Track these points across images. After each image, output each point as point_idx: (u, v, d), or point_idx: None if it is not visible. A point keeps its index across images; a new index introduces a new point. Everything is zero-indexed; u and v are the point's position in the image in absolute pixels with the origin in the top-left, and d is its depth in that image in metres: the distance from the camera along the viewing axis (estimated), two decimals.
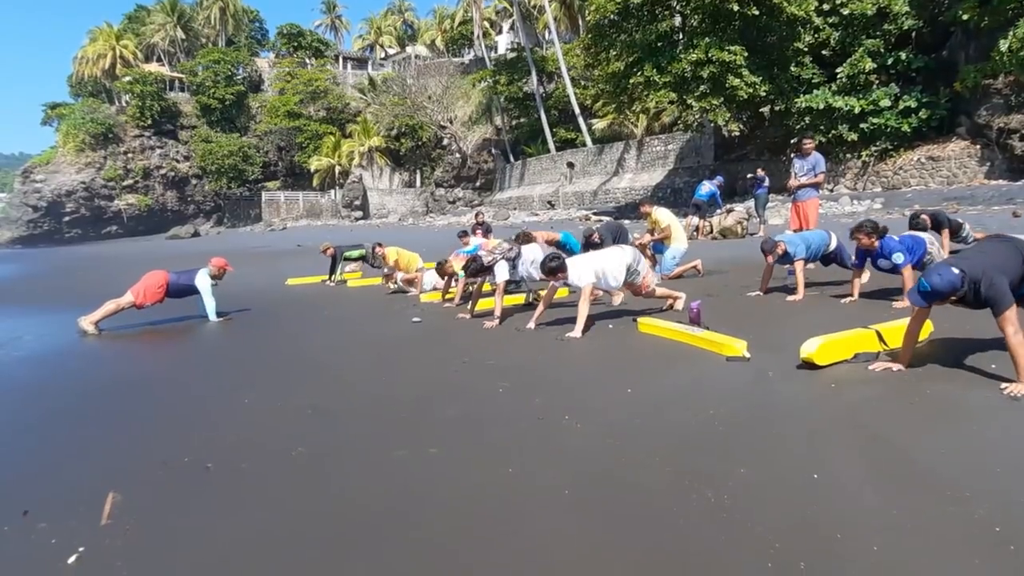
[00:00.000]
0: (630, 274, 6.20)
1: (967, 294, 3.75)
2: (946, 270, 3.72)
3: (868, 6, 20.51)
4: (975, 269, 3.73)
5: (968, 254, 4.06)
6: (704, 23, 21.72)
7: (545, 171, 40.46)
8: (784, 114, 22.34)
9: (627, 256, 6.21)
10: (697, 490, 2.66)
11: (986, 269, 3.72)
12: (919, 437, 3.10)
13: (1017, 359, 3.58)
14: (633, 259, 6.20)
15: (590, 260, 6.21)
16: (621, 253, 6.26)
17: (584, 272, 5.96)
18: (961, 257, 3.98)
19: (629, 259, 6.18)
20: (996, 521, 2.28)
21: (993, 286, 3.66)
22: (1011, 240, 4.08)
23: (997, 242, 4.11)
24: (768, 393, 3.87)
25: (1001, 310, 3.64)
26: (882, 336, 4.47)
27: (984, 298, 3.71)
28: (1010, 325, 3.61)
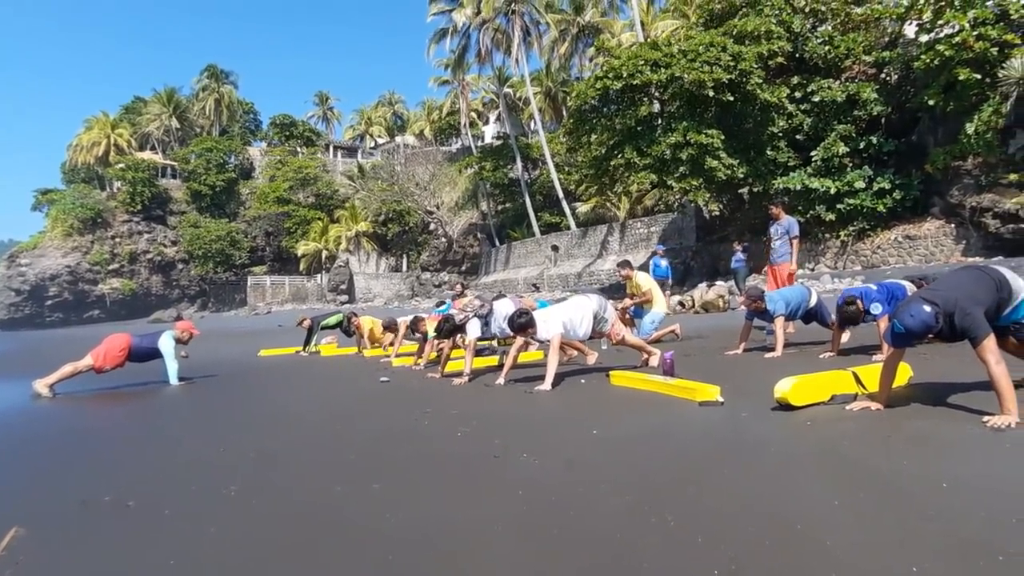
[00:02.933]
0: (598, 322, 6.08)
1: (943, 328, 3.60)
2: (918, 309, 3.56)
3: (838, 93, 21.37)
4: (948, 301, 3.58)
5: (939, 285, 3.92)
6: (682, 108, 22.49)
7: (530, 254, 40.87)
8: (762, 195, 22.81)
9: (592, 303, 6.12)
10: (658, 514, 2.43)
11: (959, 300, 3.57)
12: (896, 465, 2.90)
13: (1000, 389, 3.40)
14: (599, 306, 6.11)
15: (557, 311, 6.08)
16: (587, 301, 6.17)
17: (552, 324, 5.81)
18: (932, 290, 3.84)
19: (595, 306, 6.08)
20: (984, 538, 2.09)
21: (968, 316, 3.50)
22: (982, 269, 3.95)
23: (969, 271, 3.98)
24: (740, 431, 3.66)
25: (979, 340, 3.47)
26: (859, 378, 4.29)
27: (960, 329, 3.55)
28: (990, 354, 3.44)
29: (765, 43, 21.40)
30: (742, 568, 1.97)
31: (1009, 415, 3.32)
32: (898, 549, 2.05)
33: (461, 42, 43.29)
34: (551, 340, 5.75)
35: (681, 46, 21.95)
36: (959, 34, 18.11)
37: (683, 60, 21.11)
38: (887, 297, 5.78)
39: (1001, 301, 3.74)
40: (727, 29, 22.18)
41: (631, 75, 21.63)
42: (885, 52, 22.18)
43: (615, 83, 22.01)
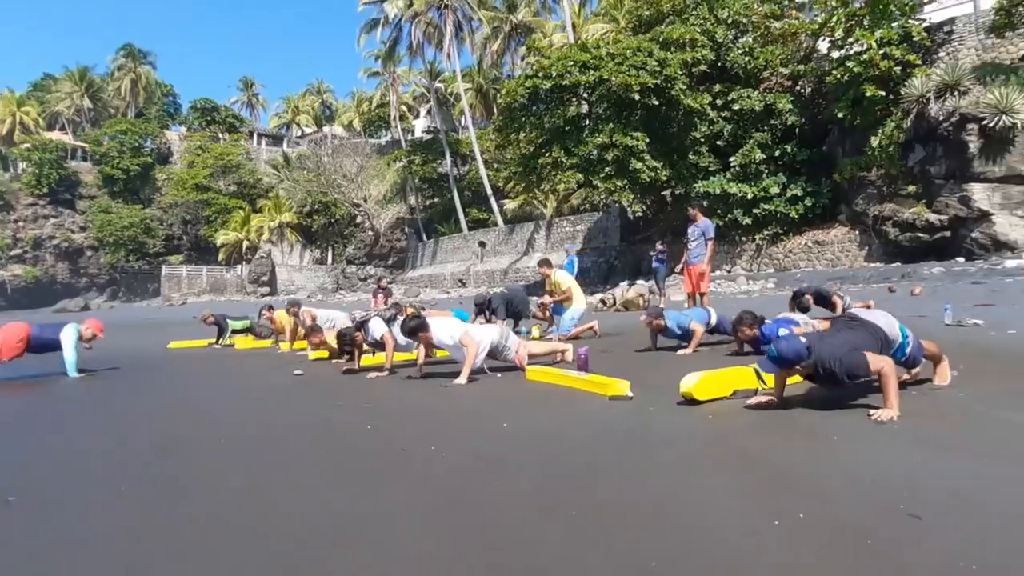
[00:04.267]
0: (498, 351, 6.09)
1: (816, 370, 3.78)
2: (794, 340, 3.79)
3: (756, 103, 22.25)
4: (824, 352, 3.74)
5: (827, 335, 4.05)
6: (609, 110, 22.91)
7: (457, 250, 40.79)
8: (684, 198, 23.51)
9: (494, 335, 6.12)
10: (560, 506, 2.45)
11: (840, 356, 3.71)
12: (787, 455, 3.05)
13: (885, 385, 3.61)
14: (500, 337, 6.12)
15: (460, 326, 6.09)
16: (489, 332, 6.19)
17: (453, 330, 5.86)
18: (820, 336, 4.01)
19: (496, 338, 6.09)
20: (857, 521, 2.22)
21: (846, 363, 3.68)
22: (865, 324, 4.08)
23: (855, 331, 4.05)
24: (646, 425, 3.75)
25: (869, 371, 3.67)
26: (760, 374, 4.44)
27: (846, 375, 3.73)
28: (877, 362, 3.65)
29: (690, 51, 22.05)
30: (637, 555, 2.02)
31: (891, 409, 3.54)
32: (781, 534, 2.14)
33: (392, 34, 42.75)
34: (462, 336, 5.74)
35: (610, 49, 22.34)
36: (867, 52, 19.17)
37: (611, 63, 21.52)
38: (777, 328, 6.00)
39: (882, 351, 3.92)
40: (654, 35, 22.74)
41: (560, 75, 21.88)
42: (800, 65, 23.24)
43: (545, 83, 22.22)
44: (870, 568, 1.89)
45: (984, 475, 2.66)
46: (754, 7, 23.49)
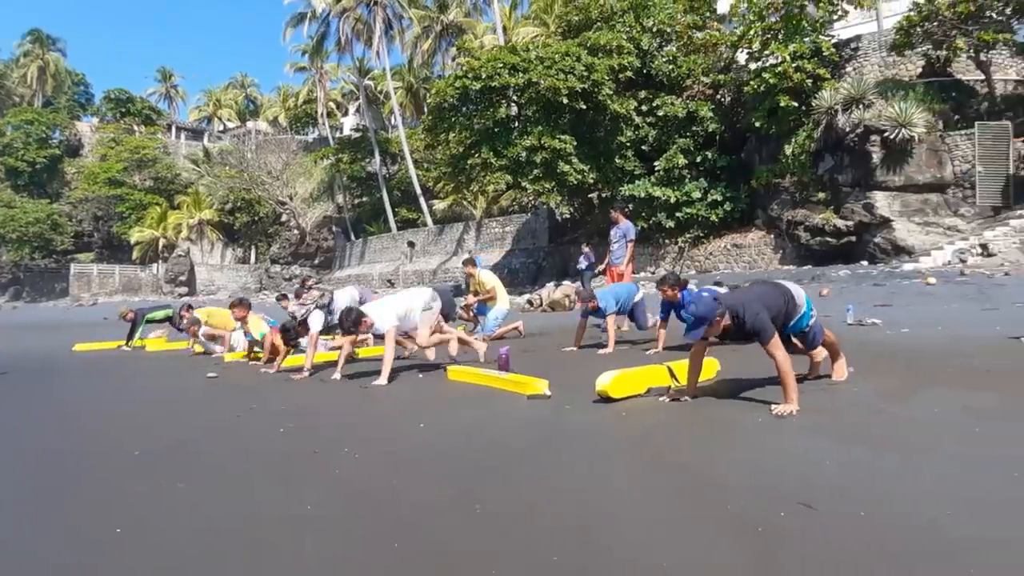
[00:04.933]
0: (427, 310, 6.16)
1: (731, 326, 3.98)
2: (701, 300, 3.96)
3: (679, 110, 22.92)
4: (735, 302, 3.99)
5: (740, 291, 4.36)
6: (538, 113, 23.13)
7: (386, 250, 40.32)
8: (611, 201, 24.00)
9: (425, 294, 6.19)
10: (470, 504, 2.48)
11: (746, 303, 3.97)
12: (694, 449, 3.18)
13: (784, 381, 3.81)
14: (430, 297, 6.20)
15: (391, 303, 6.07)
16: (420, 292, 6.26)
17: (387, 316, 5.79)
18: (731, 292, 4.26)
19: (427, 296, 6.16)
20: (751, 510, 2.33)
21: (757, 317, 3.90)
22: (775, 284, 4.43)
23: (763, 285, 4.46)
24: (562, 423, 3.83)
25: (766, 339, 3.88)
26: (673, 372, 4.63)
27: (749, 330, 3.95)
28: (778, 350, 3.85)
29: (616, 57, 22.52)
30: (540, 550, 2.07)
31: (791, 404, 3.74)
32: (681, 525, 2.24)
33: (320, 29, 41.85)
34: (385, 333, 5.71)
35: (539, 53, 22.57)
36: (781, 65, 20.05)
37: (540, 66, 21.75)
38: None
39: (788, 313, 4.21)
40: (582, 41, 23.10)
41: (490, 77, 21.95)
42: (721, 75, 24.08)
43: (474, 83, 22.25)
44: (763, 556, 1.99)
45: (875, 466, 2.83)
46: (678, 17, 24.18)
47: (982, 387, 4.28)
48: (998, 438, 3.13)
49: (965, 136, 18.15)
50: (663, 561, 1.97)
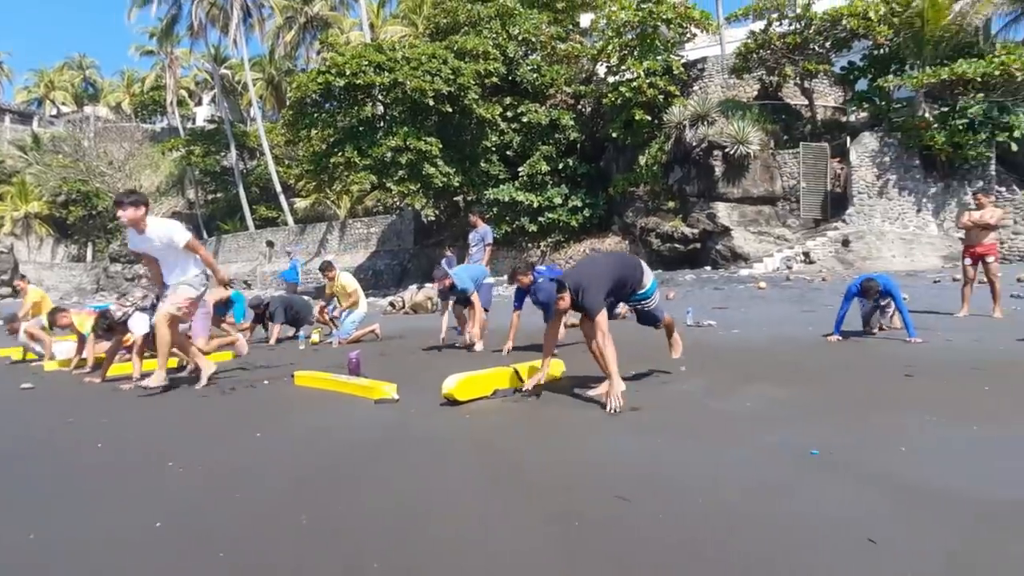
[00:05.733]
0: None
1: (575, 299, 4.31)
2: (542, 288, 4.36)
3: (543, 117, 23.63)
4: (577, 280, 4.33)
5: (578, 268, 4.74)
6: (404, 113, 22.97)
7: (243, 249, 38.30)
8: (476, 204, 24.30)
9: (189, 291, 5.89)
10: (296, 515, 2.44)
11: (582, 280, 4.32)
12: (531, 450, 3.30)
13: (604, 361, 4.16)
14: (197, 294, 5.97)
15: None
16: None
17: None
18: (569, 272, 4.57)
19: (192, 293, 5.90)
20: (572, 505, 2.47)
21: (587, 294, 4.27)
22: (630, 257, 4.84)
23: (610, 256, 4.90)
24: (405, 427, 3.84)
25: (592, 316, 4.28)
26: (519, 374, 4.78)
27: (583, 305, 4.32)
28: (599, 331, 4.18)
29: (483, 62, 22.82)
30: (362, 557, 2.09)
31: (614, 384, 4.06)
32: (504, 520, 2.33)
33: (170, 11, 39.10)
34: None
35: (406, 53, 22.41)
36: (636, 80, 21.19)
37: (406, 67, 21.61)
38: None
39: (634, 283, 4.64)
40: (449, 44, 23.21)
41: (355, 74, 21.51)
42: (582, 86, 25.09)
43: (338, 80, 21.72)
44: (575, 548, 2.11)
45: (695, 459, 3.05)
46: (543, 28, 24.91)
47: (790, 382, 4.75)
48: (796, 428, 3.49)
49: (792, 155, 20.10)
50: (480, 558, 2.04)
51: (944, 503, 2.37)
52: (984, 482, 2.58)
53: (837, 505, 2.41)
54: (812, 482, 2.66)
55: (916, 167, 18.71)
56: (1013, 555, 1.98)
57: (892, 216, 18.61)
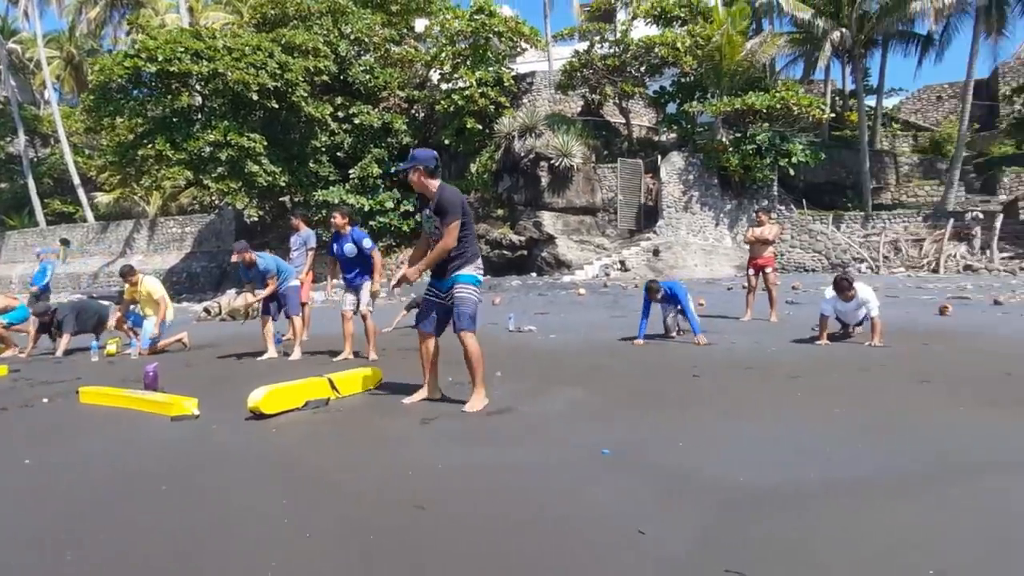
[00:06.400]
0: None
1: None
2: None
3: (375, 119, 23.31)
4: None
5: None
6: (224, 106, 21.62)
7: (31, 247, 33.90)
8: (304, 206, 23.44)
9: None
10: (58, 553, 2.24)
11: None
12: (337, 463, 3.26)
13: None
14: None
15: None
16: None
17: None
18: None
19: None
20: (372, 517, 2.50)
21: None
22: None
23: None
24: (203, 446, 3.62)
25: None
26: (334, 383, 4.70)
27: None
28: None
29: (313, 59, 22.10)
30: None
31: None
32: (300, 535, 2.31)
33: None
34: None
35: (228, 42, 21.13)
36: (469, 89, 21.62)
37: (228, 57, 20.39)
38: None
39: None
40: (277, 37, 22.23)
41: (168, 60, 19.91)
42: (416, 91, 25.11)
43: (149, 65, 20.00)
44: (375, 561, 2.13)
45: (498, 463, 3.14)
46: (376, 29, 24.63)
47: (595, 384, 5.07)
48: (593, 428, 3.75)
49: (611, 169, 21.53)
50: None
51: (706, 490, 2.66)
52: (743, 470, 2.90)
53: (616, 500, 2.62)
54: (599, 480, 2.86)
55: (715, 185, 20.81)
56: (756, 534, 2.26)
57: (695, 229, 20.54)
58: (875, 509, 2.44)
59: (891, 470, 2.90)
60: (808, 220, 20.91)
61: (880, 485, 2.71)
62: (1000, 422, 3.67)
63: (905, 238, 20.20)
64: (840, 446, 3.29)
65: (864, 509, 2.44)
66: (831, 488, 2.67)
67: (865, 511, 2.42)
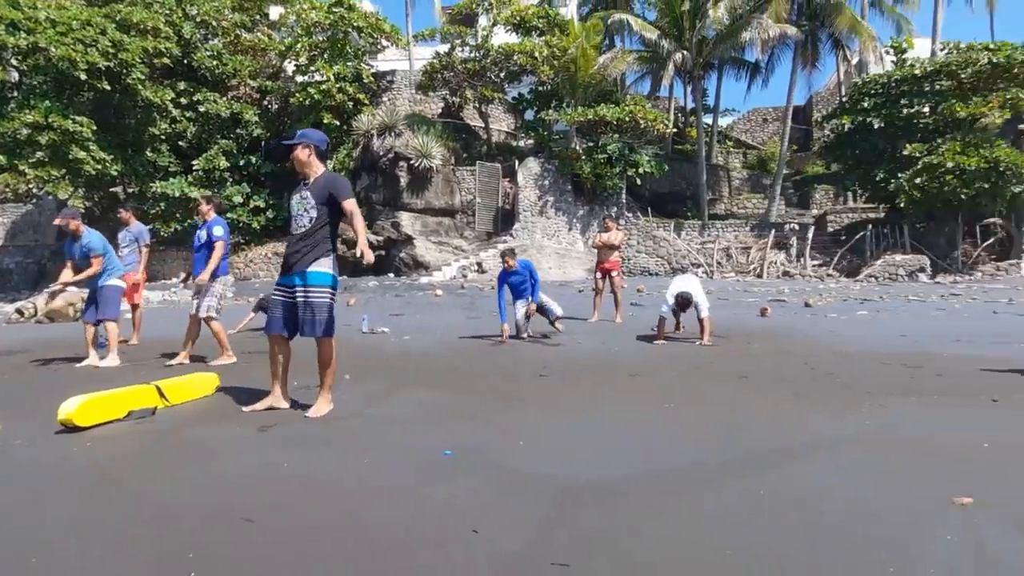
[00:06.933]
0: None
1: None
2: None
3: (223, 108, 22.03)
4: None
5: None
6: (47, 85, 19.49)
7: None
8: (139, 197, 21.67)
9: None
10: None
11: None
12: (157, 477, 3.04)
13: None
14: None
15: None
16: None
17: None
18: None
19: None
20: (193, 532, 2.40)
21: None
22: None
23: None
24: (3, 462, 3.28)
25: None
26: (163, 391, 4.39)
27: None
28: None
29: (152, 39, 20.51)
30: None
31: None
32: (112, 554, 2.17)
33: None
34: None
35: (51, 14, 19.08)
36: (326, 83, 21.02)
37: (52, 31, 18.45)
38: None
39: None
40: (111, 12, 20.39)
41: None
42: (268, 81, 24.01)
43: None
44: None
45: (341, 469, 3.09)
46: (224, 12, 23.28)
47: (444, 386, 5.12)
48: (438, 430, 3.79)
49: (470, 171, 21.81)
50: None
51: (542, 487, 2.78)
52: (578, 466, 3.06)
53: (455, 501, 2.67)
54: (439, 481, 2.90)
55: (569, 191, 21.69)
56: (583, 527, 2.39)
57: (550, 233, 21.29)
58: (691, 497, 2.67)
59: (708, 461, 3.17)
60: (653, 227, 22.33)
61: (697, 475, 2.96)
62: (802, 412, 4.14)
63: (735, 246, 22.13)
64: (667, 440, 3.57)
65: (680, 498, 2.66)
66: (654, 480, 2.89)
67: (681, 500, 2.64)
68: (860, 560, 2.10)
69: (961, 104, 19.21)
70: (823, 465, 3.11)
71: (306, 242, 4.11)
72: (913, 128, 20.72)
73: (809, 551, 2.19)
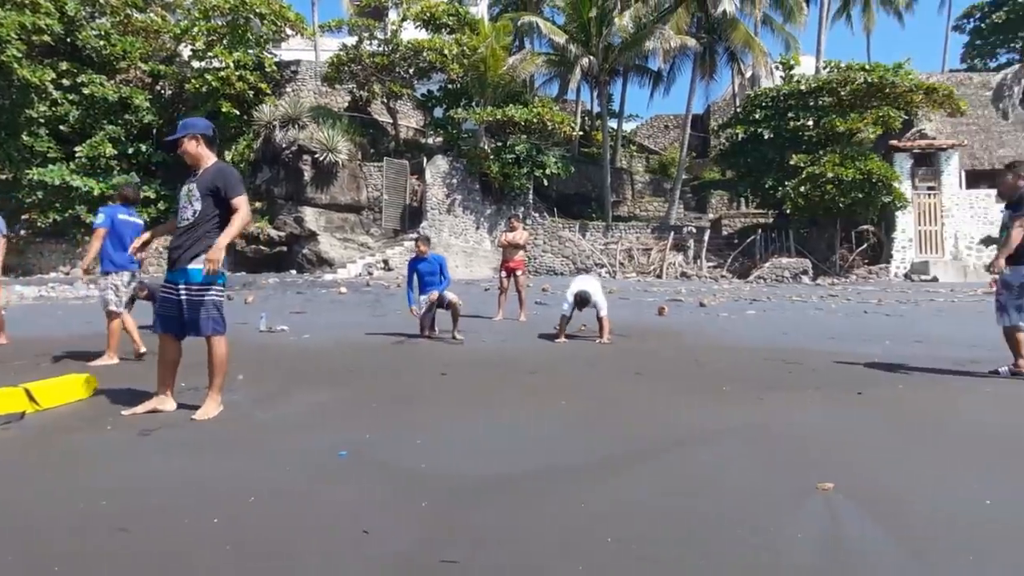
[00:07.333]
0: None
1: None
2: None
3: (111, 92, 20.67)
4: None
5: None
6: None
7: None
8: (13, 185, 20.02)
9: None
10: None
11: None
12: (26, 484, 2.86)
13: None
14: None
15: None
16: None
17: None
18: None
19: None
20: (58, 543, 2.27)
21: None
22: None
23: None
24: None
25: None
26: (32, 394, 4.09)
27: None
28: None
29: (31, 15, 18.99)
30: None
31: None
32: None
33: None
34: None
35: None
36: (225, 70, 20.14)
37: None
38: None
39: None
40: None
41: None
42: (162, 66, 22.75)
43: None
44: None
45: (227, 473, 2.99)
46: None
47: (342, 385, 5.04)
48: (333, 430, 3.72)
49: (377, 167, 21.47)
50: None
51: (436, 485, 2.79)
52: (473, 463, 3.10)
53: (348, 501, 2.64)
54: (332, 482, 2.86)
55: (477, 190, 21.76)
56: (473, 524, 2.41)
57: (458, 231, 21.29)
58: (581, 490, 2.75)
59: (599, 454, 3.28)
60: (559, 227, 22.75)
61: (588, 468, 3.06)
62: (690, 407, 4.36)
63: (637, 247, 22.89)
64: (561, 434, 3.67)
65: (570, 491, 2.74)
66: (546, 474, 2.96)
67: (571, 493, 2.72)
68: (735, 545, 2.24)
69: (840, 119, 20.68)
70: (706, 456, 3.28)
71: (189, 236, 3.92)
72: (799, 140, 22.11)
73: (688, 537, 2.31)
